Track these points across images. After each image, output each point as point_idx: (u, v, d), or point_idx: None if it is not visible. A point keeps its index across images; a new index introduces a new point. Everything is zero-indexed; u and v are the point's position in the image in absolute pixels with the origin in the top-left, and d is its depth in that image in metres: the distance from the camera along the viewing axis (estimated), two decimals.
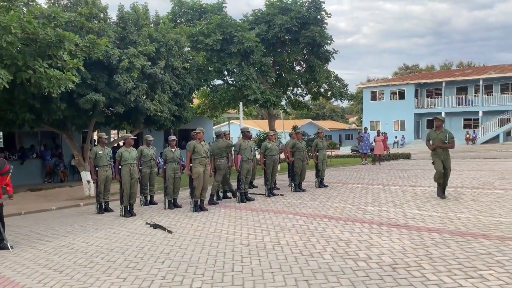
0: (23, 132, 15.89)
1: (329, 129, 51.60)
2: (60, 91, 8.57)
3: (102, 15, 11.14)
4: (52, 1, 10.80)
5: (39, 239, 6.85)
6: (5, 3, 7.41)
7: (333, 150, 23.74)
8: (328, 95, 19.48)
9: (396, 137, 36.90)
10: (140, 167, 9.51)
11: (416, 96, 38.38)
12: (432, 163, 8.82)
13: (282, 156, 12.35)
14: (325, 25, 17.62)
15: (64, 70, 8.60)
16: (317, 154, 11.43)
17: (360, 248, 5.32)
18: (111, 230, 7.34)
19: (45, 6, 9.86)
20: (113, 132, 21.26)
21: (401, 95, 39.15)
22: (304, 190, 10.86)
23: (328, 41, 17.71)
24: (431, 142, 8.94)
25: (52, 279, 4.78)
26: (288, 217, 7.61)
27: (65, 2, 10.89)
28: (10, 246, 6.24)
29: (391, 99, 39.87)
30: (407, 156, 21.75)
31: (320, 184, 11.48)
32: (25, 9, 8.41)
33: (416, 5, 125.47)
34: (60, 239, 6.77)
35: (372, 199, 9.08)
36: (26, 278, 4.86)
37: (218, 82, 18.05)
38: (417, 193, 9.57)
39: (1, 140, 17.98)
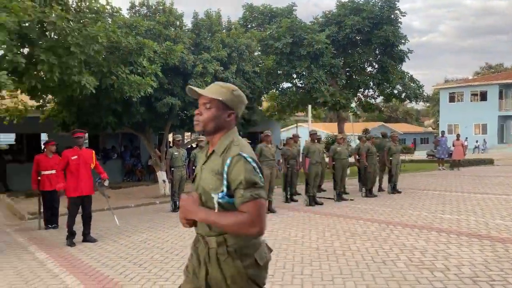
0: (105, 134, 17.11)
1: (402, 133, 49.45)
2: (139, 96, 9.13)
3: (178, 23, 11.69)
4: (133, 11, 11.54)
5: (120, 234, 7.32)
6: (94, 15, 8.05)
7: (407, 155, 22.72)
8: (402, 97, 18.68)
9: (477, 142, 34.42)
10: None
11: (500, 97, 35.53)
12: None
13: (352, 160, 12.08)
14: (399, 24, 16.96)
15: (143, 75, 9.15)
16: (391, 158, 11.03)
17: (437, 258, 5.05)
18: (185, 228, 7.63)
19: (127, 16, 10.57)
20: (186, 134, 22.17)
21: (483, 97, 36.48)
22: (375, 196, 10.53)
23: (403, 41, 17.01)
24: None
25: (132, 271, 5.10)
26: (359, 222, 7.42)
27: (145, 11, 11.58)
28: (94, 240, 6.75)
29: (471, 101, 37.32)
30: (489, 161, 20.21)
31: (393, 190, 11.06)
32: (110, 19, 9.08)
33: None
34: (138, 235, 7.20)
35: (450, 207, 8.56)
36: (110, 269, 5.23)
37: (287, 85, 18.11)
38: (501, 202, 8.86)
39: (87, 141, 19.50)
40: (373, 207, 8.95)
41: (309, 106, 14.67)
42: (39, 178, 7.94)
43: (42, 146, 18.97)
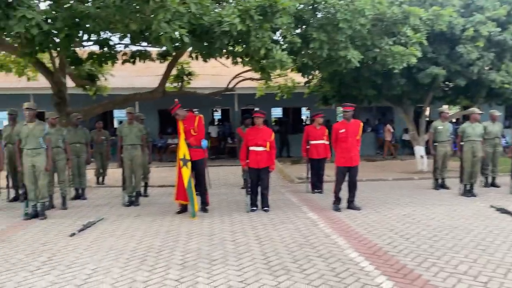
0: (360, 107, 17.51)
1: None
2: (401, 67, 8.85)
3: None
4: None
5: (381, 205, 7.39)
6: None
7: None
8: None
9: None
10: None
11: None
12: None
13: None
14: None
15: (407, 45, 8.79)
16: None
17: None
18: (451, 207, 7.10)
19: None
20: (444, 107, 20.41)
21: None
22: None
23: None
24: None
25: (400, 243, 5.05)
26: None
27: None
28: (358, 208, 7.04)
29: None
30: None
31: None
32: None
33: None
34: (400, 208, 7.09)
35: None
36: (377, 238, 5.35)
37: None
38: None
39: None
40: None
41: None
42: (307, 147, 8.81)
43: (304, 118, 21.09)
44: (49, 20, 6.25)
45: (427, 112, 15.78)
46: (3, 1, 5.71)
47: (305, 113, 22.06)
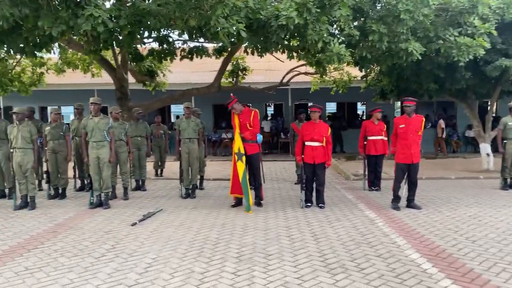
0: (420, 102, 16.74)
1: None
2: (467, 59, 8.35)
3: None
4: None
5: (443, 205, 7.03)
6: None
7: None
8: None
9: None
10: None
11: None
12: None
13: None
14: None
15: (474, 36, 8.28)
16: None
17: None
18: None
19: None
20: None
21: None
22: None
23: None
24: None
25: (465, 246, 4.77)
26: None
27: None
28: (419, 207, 6.73)
29: None
30: None
31: None
32: None
33: None
34: (464, 209, 6.71)
35: None
36: (440, 239, 5.08)
37: None
38: None
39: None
40: None
41: None
42: (365, 143, 8.56)
43: (360, 113, 20.57)
44: (113, 18, 6.53)
45: (494, 108, 14.83)
46: (72, 0, 6.03)
47: (360, 108, 21.50)
